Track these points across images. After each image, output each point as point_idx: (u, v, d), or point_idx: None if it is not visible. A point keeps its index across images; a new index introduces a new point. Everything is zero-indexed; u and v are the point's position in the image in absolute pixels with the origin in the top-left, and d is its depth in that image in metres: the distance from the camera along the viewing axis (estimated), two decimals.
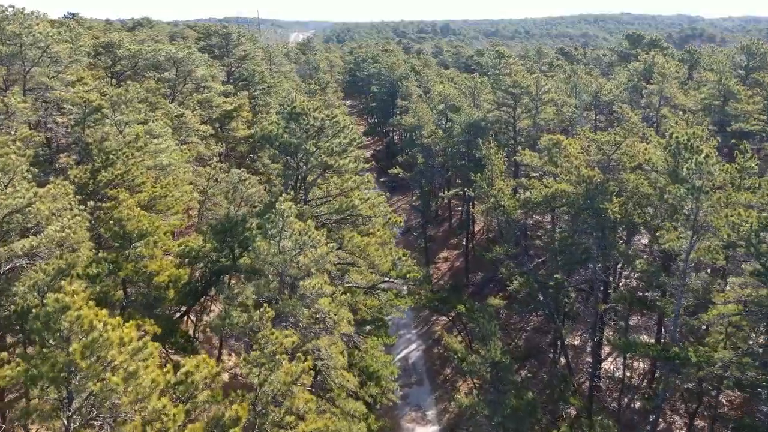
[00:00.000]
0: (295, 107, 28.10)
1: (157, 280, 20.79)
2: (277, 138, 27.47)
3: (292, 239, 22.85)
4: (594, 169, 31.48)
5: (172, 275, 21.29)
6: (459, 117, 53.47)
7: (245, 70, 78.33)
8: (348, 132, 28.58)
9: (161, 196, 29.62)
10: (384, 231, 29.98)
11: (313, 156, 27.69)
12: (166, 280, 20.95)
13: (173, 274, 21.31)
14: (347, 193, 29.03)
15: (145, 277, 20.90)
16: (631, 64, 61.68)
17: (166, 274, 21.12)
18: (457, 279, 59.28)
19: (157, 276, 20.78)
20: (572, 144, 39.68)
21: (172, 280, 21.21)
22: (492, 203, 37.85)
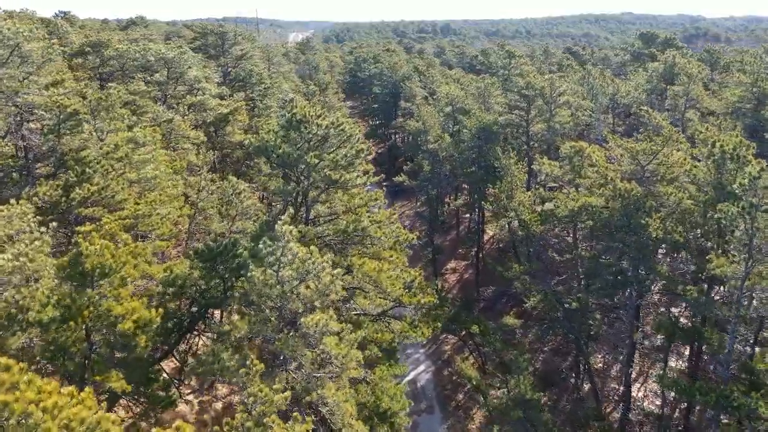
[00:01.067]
0: (295, 114, 24.75)
1: (122, 327, 17.40)
2: (275, 149, 24.13)
3: (292, 267, 19.51)
4: (632, 183, 28.13)
5: (142, 319, 17.88)
6: (469, 121, 50.12)
7: (242, 70, 74.95)
8: (355, 142, 25.23)
9: (145, 215, 26.26)
10: (397, 254, 26.61)
11: (315, 170, 24.35)
12: (132, 327, 17.55)
13: (143, 318, 17.89)
14: (355, 211, 25.68)
15: (108, 322, 17.51)
16: (649, 64, 58.31)
17: (134, 318, 17.70)
18: (467, 292, 55.91)
19: (123, 323, 17.40)
20: (596, 152, 36.39)
21: (140, 325, 17.81)
22: (511, 218, 34.51)
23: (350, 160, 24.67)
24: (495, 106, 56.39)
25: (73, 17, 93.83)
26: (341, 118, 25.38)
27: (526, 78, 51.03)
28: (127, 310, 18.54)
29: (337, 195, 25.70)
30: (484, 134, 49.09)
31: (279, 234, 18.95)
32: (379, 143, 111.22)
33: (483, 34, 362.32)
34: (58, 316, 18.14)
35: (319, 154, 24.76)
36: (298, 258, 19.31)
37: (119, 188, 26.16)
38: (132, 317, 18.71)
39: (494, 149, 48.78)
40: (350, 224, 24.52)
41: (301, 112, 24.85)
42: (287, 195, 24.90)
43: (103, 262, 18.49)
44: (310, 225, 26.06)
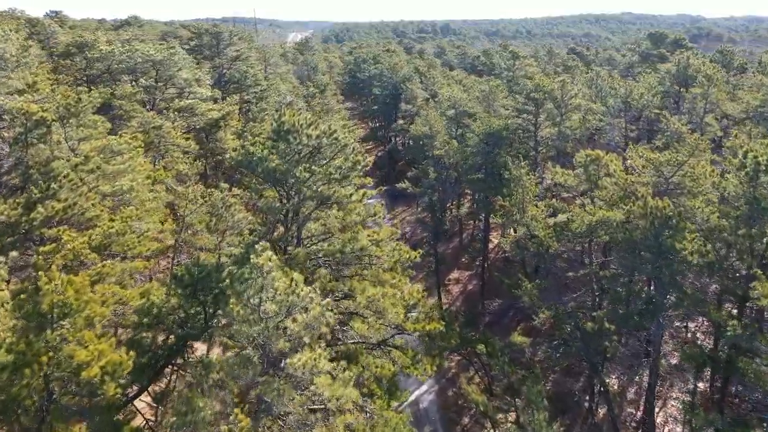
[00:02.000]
0: (283, 122, 22.16)
1: (86, 375, 14.80)
2: (260, 163, 21.52)
3: (275, 301, 16.90)
4: (663, 199, 25.41)
5: (111, 364, 15.28)
6: (476, 125, 47.45)
7: (237, 71, 72.36)
8: (350, 153, 22.61)
9: (119, 233, 23.61)
10: (399, 276, 23.93)
11: (306, 185, 21.74)
12: (98, 374, 14.95)
13: (112, 362, 15.30)
14: (352, 228, 23.06)
15: (70, 370, 14.92)
16: (661, 65, 55.69)
17: (101, 364, 15.09)
18: (472, 305, 53.26)
19: (87, 369, 14.79)
20: (614, 161, 33.77)
21: (109, 371, 15.20)
22: (524, 233, 31.86)
23: (345, 173, 22.06)
24: (501, 109, 53.74)
25: (64, 17, 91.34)
26: (335, 127, 22.74)
27: (534, 80, 48.40)
28: (93, 355, 15.89)
29: (331, 211, 23.04)
30: (491, 139, 46.45)
31: (257, 265, 16.31)
32: (379, 146, 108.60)
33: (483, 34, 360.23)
34: (11, 362, 15.52)
35: (311, 166, 22.13)
36: (281, 290, 16.69)
37: (89, 204, 23.50)
38: (99, 363, 16.08)
39: (502, 156, 46.20)
40: (346, 244, 21.89)
41: (289, 120, 22.25)
42: (275, 213, 22.26)
43: (65, 300, 15.85)
44: (303, 245, 23.42)
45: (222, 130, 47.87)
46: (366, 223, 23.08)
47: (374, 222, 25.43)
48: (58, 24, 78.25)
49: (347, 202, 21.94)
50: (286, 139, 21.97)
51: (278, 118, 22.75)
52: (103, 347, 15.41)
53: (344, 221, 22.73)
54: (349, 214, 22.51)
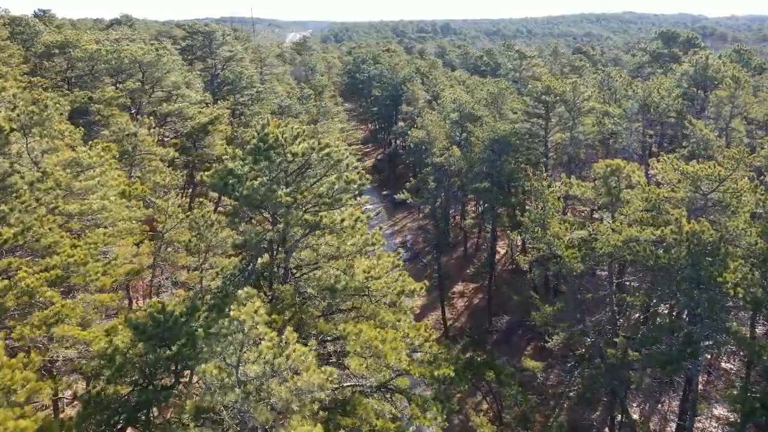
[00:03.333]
0: (265, 136, 19.07)
1: None
2: (236, 186, 18.42)
3: (258, 363, 13.80)
4: (703, 222, 22.29)
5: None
6: (480, 130, 44.33)
7: (231, 72, 69.29)
8: (344, 168, 19.51)
9: (79, 263, 20.50)
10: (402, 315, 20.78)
11: (292, 209, 18.65)
12: None
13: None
14: (347, 258, 19.96)
15: None
16: (679, 66, 52.57)
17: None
18: (478, 321, 50.13)
19: None
20: (636, 172, 30.65)
21: None
22: (545, 252, 28.74)
23: (338, 194, 18.92)
24: (509, 112, 50.64)
25: (52, 16, 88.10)
26: (326, 140, 19.61)
27: (544, 81, 45.28)
28: None
29: (323, 238, 19.91)
30: (498, 146, 43.34)
31: (236, 320, 13.22)
32: (379, 148, 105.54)
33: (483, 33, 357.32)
34: None
35: (296, 188, 19.01)
36: (265, 350, 13.58)
37: (47, 228, 20.40)
38: None
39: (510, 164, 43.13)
40: (339, 281, 18.77)
41: (273, 133, 19.14)
42: (256, 243, 19.14)
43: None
44: (291, 275, 20.29)
45: (211, 135, 44.78)
46: (364, 251, 19.97)
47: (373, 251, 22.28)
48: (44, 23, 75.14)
49: (339, 228, 18.84)
50: (268, 155, 18.87)
51: (260, 130, 19.64)
52: (25, 425, 12.28)
53: (338, 250, 19.62)
54: (344, 242, 19.40)
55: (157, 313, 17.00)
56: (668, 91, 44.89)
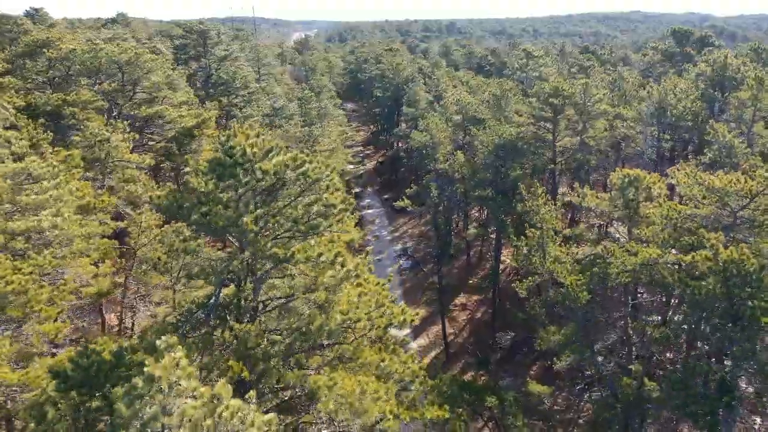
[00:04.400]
0: (231, 149, 16.27)
1: None
2: (192, 210, 15.61)
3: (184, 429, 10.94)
4: (742, 248, 19.32)
5: None
6: (485, 135, 41.41)
7: (224, 72, 66.60)
8: (324, 189, 16.65)
9: (16, 291, 17.74)
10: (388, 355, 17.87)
11: (259, 236, 15.83)
12: None
13: None
14: (328, 288, 17.10)
15: None
16: (697, 65, 49.53)
17: None
18: (481, 337, 47.22)
19: None
20: (657, 184, 27.73)
21: None
22: (545, 279, 25.84)
23: (313, 221, 16.03)
24: (513, 115, 47.70)
25: (44, 14, 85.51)
26: (301, 154, 16.73)
27: (551, 82, 42.33)
28: None
29: (297, 266, 17.05)
30: (502, 151, 40.43)
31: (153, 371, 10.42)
32: (381, 150, 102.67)
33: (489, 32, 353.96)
34: None
35: (269, 210, 16.17)
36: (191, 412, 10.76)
37: None
38: None
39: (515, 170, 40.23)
40: (314, 319, 15.91)
41: (239, 146, 16.30)
42: (221, 272, 16.30)
43: None
44: (261, 313, 17.45)
45: (198, 139, 42.03)
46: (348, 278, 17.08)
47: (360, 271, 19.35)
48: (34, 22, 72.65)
49: (314, 261, 16.01)
50: (233, 172, 16.06)
51: (224, 142, 16.83)
52: None
53: (317, 282, 16.78)
54: (322, 274, 16.56)
55: (81, 358, 14.19)
56: (685, 92, 41.86)
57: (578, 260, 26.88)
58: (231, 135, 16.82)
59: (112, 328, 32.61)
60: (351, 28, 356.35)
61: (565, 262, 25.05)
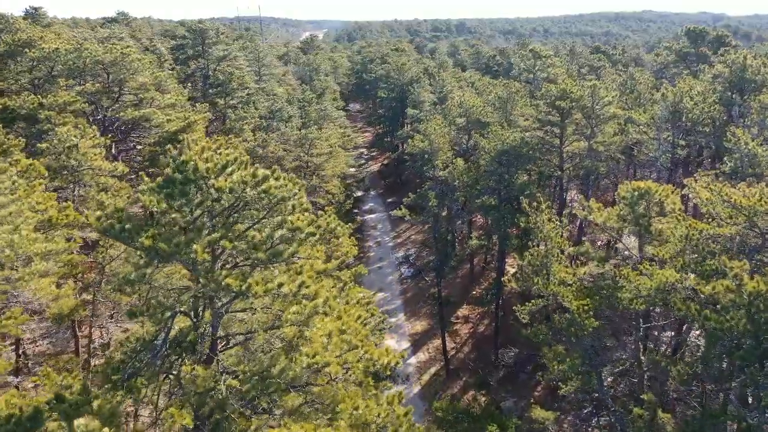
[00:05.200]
0: (183, 165, 14.13)
1: None
2: (135, 233, 13.49)
3: None
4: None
5: None
6: (488, 141, 39.04)
7: (221, 73, 64.66)
8: (290, 210, 14.43)
9: None
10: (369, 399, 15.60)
11: (216, 264, 13.68)
12: None
13: None
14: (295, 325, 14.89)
15: None
16: (713, 67, 46.92)
17: None
18: (483, 351, 44.86)
19: None
20: (670, 197, 25.34)
21: None
22: (549, 302, 23.50)
23: (275, 248, 13.81)
24: (519, 119, 45.31)
25: (44, 13, 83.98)
26: (265, 171, 14.51)
27: (559, 84, 39.91)
28: None
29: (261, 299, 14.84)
30: (506, 158, 38.07)
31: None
32: (385, 153, 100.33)
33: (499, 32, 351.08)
34: None
35: (226, 234, 13.97)
36: None
37: None
38: None
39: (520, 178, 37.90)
40: (276, 362, 13.70)
41: (191, 162, 14.13)
42: (170, 307, 14.13)
43: None
44: (219, 351, 15.26)
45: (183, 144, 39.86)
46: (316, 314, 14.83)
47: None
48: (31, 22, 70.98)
49: (275, 295, 13.82)
50: (184, 191, 13.91)
51: (176, 156, 14.67)
52: None
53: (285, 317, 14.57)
54: (286, 308, 14.37)
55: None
56: (702, 95, 39.32)
57: (584, 281, 24.53)
58: (183, 148, 14.64)
59: (92, 343, 30.64)
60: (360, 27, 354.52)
61: (571, 284, 22.69)
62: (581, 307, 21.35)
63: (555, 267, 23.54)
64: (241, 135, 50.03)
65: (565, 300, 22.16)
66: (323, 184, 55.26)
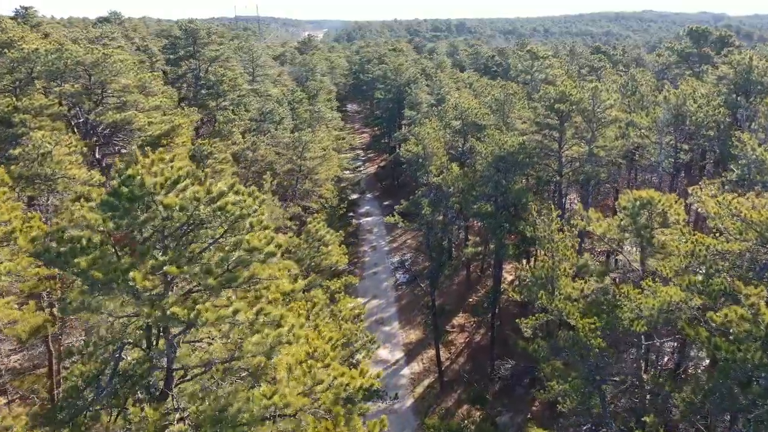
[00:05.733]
0: (129, 179, 12.63)
1: None
2: (72, 256, 11.99)
3: None
4: None
5: None
6: (484, 146, 37.50)
7: (213, 75, 63.10)
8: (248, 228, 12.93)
9: None
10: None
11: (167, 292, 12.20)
12: None
13: None
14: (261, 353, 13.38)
15: None
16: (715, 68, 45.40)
17: None
18: (478, 363, 43.36)
19: None
20: (674, 206, 23.85)
21: None
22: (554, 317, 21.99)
23: (229, 272, 12.31)
24: (516, 122, 43.77)
25: (33, 13, 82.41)
26: (220, 186, 13.01)
27: (558, 86, 38.37)
28: None
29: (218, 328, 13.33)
30: (503, 164, 36.54)
31: None
32: (383, 155, 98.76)
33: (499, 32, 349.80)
34: None
35: (176, 257, 12.47)
36: None
37: None
38: None
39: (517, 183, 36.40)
40: (234, 400, 12.18)
41: (136, 178, 12.61)
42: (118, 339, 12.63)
43: None
44: (174, 386, 13.75)
45: (168, 149, 38.45)
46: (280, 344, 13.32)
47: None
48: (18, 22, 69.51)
49: (231, 325, 12.35)
50: (128, 210, 12.42)
51: (122, 170, 13.15)
52: None
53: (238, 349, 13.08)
54: (247, 338, 12.87)
55: None
56: (706, 98, 37.79)
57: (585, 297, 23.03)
58: (129, 162, 13.14)
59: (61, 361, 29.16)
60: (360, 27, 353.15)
61: (577, 300, 21.21)
62: (588, 325, 19.84)
63: (562, 281, 22.02)
64: (230, 138, 48.58)
65: (570, 317, 20.65)
66: (316, 188, 53.78)
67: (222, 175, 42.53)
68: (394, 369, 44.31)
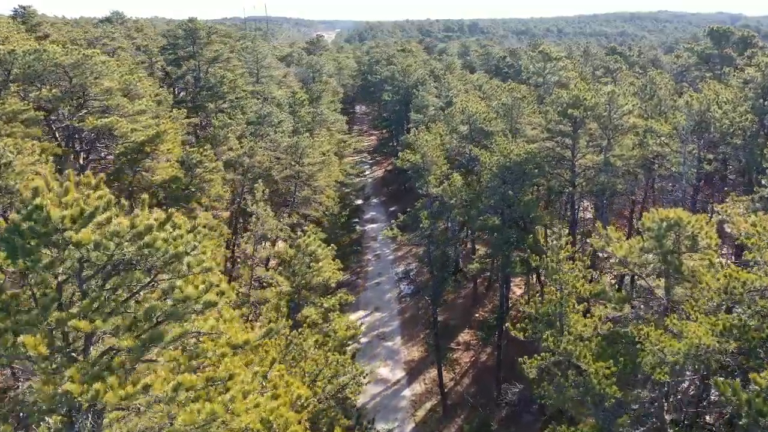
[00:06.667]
0: (36, 211, 10.18)
1: None
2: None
3: None
4: None
5: None
6: (490, 156, 34.76)
7: (212, 76, 60.88)
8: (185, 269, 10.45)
9: None
10: None
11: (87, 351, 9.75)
12: None
13: None
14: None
15: None
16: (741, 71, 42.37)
17: None
18: (484, 385, 40.63)
19: None
20: (704, 229, 21.04)
21: None
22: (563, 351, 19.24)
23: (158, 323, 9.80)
24: (526, 128, 40.99)
25: (33, 12, 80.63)
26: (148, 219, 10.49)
27: (573, 90, 35.58)
28: None
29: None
30: (510, 174, 33.80)
31: None
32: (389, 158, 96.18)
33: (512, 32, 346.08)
34: None
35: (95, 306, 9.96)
36: None
37: None
38: None
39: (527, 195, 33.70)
40: None
41: (41, 209, 10.12)
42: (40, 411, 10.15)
43: None
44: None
45: (154, 156, 36.18)
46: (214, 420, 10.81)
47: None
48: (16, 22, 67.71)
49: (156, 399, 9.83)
50: (31, 250, 9.97)
51: (29, 200, 10.68)
52: None
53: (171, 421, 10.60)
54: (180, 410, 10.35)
55: None
56: (732, 103, 34.85)
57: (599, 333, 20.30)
58: (36, 190, 10.61)
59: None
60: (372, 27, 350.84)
61: (589, 339, 18.51)
62: (600, 370, 17.13)
63: (571, 317, 19.35)
64: (226, 143, 46.19)
65: (582, 360, 17.97)
66: (316, 195, 51.30)
67: (212, 185, 40.16)
68: (394, 389, 41.75)
